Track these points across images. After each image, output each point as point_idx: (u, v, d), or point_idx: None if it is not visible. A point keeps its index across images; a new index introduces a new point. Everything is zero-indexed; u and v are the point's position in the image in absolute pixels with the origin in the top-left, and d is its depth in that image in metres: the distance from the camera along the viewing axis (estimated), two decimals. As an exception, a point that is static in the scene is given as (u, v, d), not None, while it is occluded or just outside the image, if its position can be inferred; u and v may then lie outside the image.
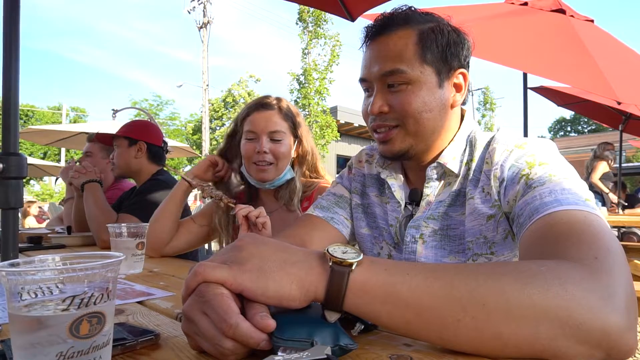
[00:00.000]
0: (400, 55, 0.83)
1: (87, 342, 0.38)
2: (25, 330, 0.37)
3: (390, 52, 0.83)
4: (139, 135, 2.09)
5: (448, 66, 0.85)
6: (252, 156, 1.43)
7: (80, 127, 6.28)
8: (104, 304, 0.40)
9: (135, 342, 0.52)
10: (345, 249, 0.50)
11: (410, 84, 0.82)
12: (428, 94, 0.83)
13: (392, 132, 0.86)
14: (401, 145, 0.86)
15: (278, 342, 0.45)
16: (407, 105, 0.82)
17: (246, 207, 1.21)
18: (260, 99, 1.51)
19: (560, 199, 0.64)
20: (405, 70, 0.82)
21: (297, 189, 1.48)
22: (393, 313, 0.47)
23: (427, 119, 0.83)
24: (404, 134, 0.85)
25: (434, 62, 0.83)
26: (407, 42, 0.83)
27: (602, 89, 2.48)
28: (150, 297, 0.82)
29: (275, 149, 1.43)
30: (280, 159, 1.44)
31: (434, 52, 0.83)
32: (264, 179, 1.44)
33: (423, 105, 0.83)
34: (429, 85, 0.83)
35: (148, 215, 1.80)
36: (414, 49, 0.83)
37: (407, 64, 0.82)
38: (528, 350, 0.45)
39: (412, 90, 0.82)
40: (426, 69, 0.83)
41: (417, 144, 0.86)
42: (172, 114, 28.18)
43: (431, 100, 0.83)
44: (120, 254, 0.42)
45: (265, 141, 1.42)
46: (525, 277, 0.47)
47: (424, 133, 0.85)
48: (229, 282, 0.47)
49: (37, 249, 1.62)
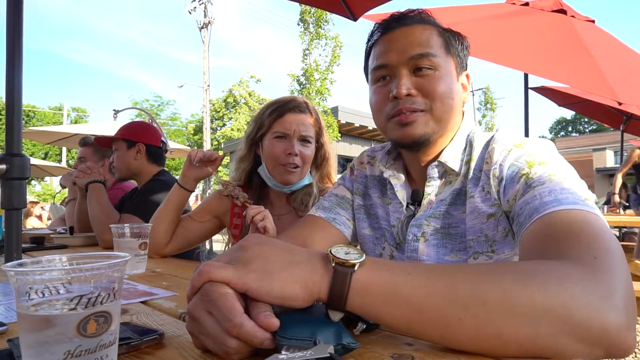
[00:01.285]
0: (429, 42, 0.85)
1: (94, 340, 0.39)
2: (33, 329, 0.38)
3: (417, 38, 0.85)
4: (137, 137, 2.09)
5: (461, 65, 0.90)
6: (281, 157, 1.41)
7: (81, 128, 6.30)
8: (110, 303, 0.40)
9: (140, 341, 0.53)
10: (347, 250, 0.51)
11: (438, 69, 0.84)
12: (452, 82, 0.86)
13: (417, 115, 0.84)
14: (425, 129, 0.84)
15: (281, 341, 0.45)
16: (437, 88, 0.83)
17: (257, 208, 1.21)
18: (289, 100, 1.49)
19: (560, 198, 0.64)
20: (435, 54, 0.84)
21: (313, 195, 1.48)
22: (395, 313, 0.48)
23: (451, 105, 0.86)
24: (428, 118, 0.84)
25: (455, 56, 0.88)
26: (431, 33, 0.86)
27: (603, 90, 2.48)
28: (153, 297, 0.82)
29: (304, 152, 1.43)
30: (306, 163, 1.45)
31: (455, 48, 0.88)
32: (290, 181, 1.43)
33: (449, 92, 0.85)
34: (452, 75, 0.87)
35: (150, 215, 1.81)
36: (439, 40, 0.86)
37: (436, 50, 0.85)
38: (529, 349, 0.45)
39: (440, 75, 0.84)
40: (449, 60, 0.87)
41: (439, 130, 0.86)
42: (173, 114, 28.26)
43: (454, 89, 0.86)
44: (127, 254, 0.43)
45: (296, 144, 1.41)
46: (526, 276, 0.48)
47: (446, 120, 0.86)
48: (233, 282, 0.47)
49: (40, 249, 1.63)
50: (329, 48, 13.94)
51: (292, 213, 1.51)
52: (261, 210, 1.20)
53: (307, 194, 1.49)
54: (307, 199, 1.48)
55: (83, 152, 2.68)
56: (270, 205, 1.55)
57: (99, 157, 2.68)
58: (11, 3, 1.33)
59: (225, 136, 18.26)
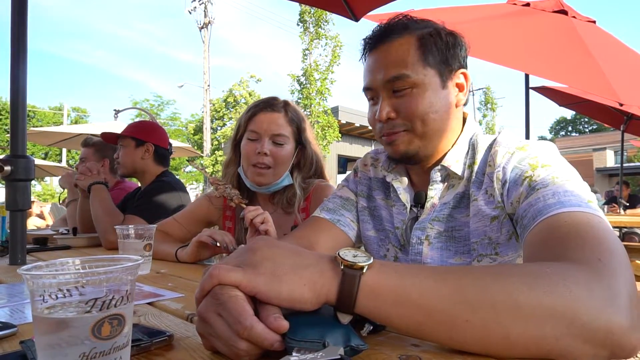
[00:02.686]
0: (403, 60, 0.85)
1: (109, 343, 0.39)
2: (49, 332, 0.38)
3: (392, 58, 0.86)
4: (147, 137, 2.11)
5: (449, 67, 0.88)
6: (252, 157, 1.40)
7: (82, 128, 6.30)
8: (123, 306, 0.41)
9: (150, 343, 0.53)
10: (355, 253, 0.51)
11: (415, 87, 0.85)
12: (433, 95, 0.85)
13: (400, 135, 0.87)
14: (408, 147, 0.88)
15: (291, 342, 0.46)
16: (414, 108, 0.85)
17: (255, 209, 1.19)
18: (267, 99, 1.48)
19: (564, 200, 0.65)
20: (409, 75, 0.84)
21: (297, 196, 1.45)
22: (404, 315, 0.48)
23: (433, 119, 0.86)
24: (411, 137, 0.87)
25: (435, 64, 0.86)
26: (408, 48, 0.85)
27: (604, 90, 2.48)
28: (159, 298, 0.83)
29: (276, 152, 1.40)
30: (279, 164, 1.41)
31: (435, 55, 0.86)
32: (260, 182, 1.41)
33: (430, 107, 0.85)
34: (433, 87, 0.85)
35: (154, 216, 1.82)
36: (416, 53, 0.85)
37: (410, 68, 0.84)
38: (535, 350, 0.46)
39: (418, 93, 0.85)
40: (429, 71, 0.85)
41: (425, 145, 0.88)
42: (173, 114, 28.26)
43: (436, 101, 0.86)
44: (139, 258, 0.43)
45: (266, 143, 1.39)
46: (532, 278, 0.48)
47: (431, 134, 0.87)
48: (243, 285, 0.48)
49: (44, 250, 1.64)
50: (329, 48, 13.96)
51: (279, 212, 1.49)
52: (260, 212, 1.18)
53: (292, 196, 1.47)
54: (293, 199, 1.46)
55: (84, 153, 2.69)
56: (257, 205, 1.53)
57: (99, 157, 2.69)
58: (16, 6, 1.34)
59: (225, 136, 18.26)
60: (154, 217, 1.80)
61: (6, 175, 1.27)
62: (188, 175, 26.13)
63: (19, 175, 1.29)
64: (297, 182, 1.48)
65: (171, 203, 1.97)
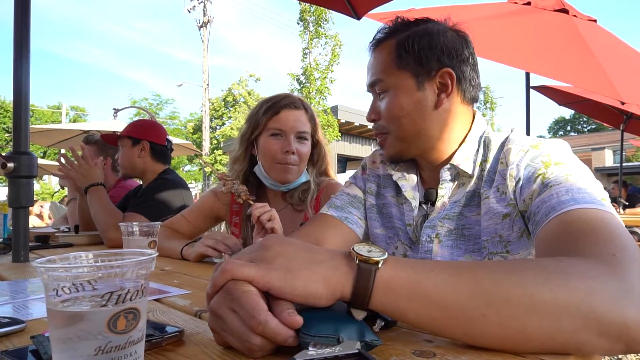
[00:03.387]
0: (380, 66, 0.91)
1: (124, 337, 0.39)
2: (64, 325, 0.38)
3: (374, 64, 0.93)
4: (141, 135, 2.09)
5: (425, 68, 0.87)
6: (278, 155, 1.39)
7: (81, 126, 6.29)
8: (138, 300, 0.40)
9: (161, 338, 0.53)
10: (370, 248, 0.51)
11: (388, 91, 0.89)
12: (406, 98, 0.88)
13: (385, 138, 0.93)
14: (392, 150, 0.93)
15: (305, 338, 0.45)
16: (387, 111, 0.90)
17: (262, 206, 1.17)
18: (284, 96, 1.47)
19: (577, 197, 0.65)
20: (382, 79, 0.90)
21: (311, 191, 1.47)
22: (419, 310, 0.48)
23: (406, 122, 0.88)
24: (393, 139, 0.92)
25: (409, 66, 0.87)
26: (386, 53, 0.90)
27: (605, 89, 2.48)
28: (166, 294, 0.83)
29: (300, 150, 1.41)
30: (303, 161, 1.44)
31: (408, 57, 0.87)
32: (288, 180, 1.41)
33: (400, 110, 0.88)
34: (406, 90, 0.88)
35: (155, 214, 1.81)
36: (390, 57, 0.89)
37: (384, 73, 0.90)
38: (551, 344, 0.46)
39: (391, 96, 0.89)
40: (402, 73, 0.88)
41: (408, 147, 0.91)
42: (172, 113, 28.25)
43: (409, 104, 0.87)
44: (153, 252, 0.43)
45: (293, 141, 1.39)
46: (547, 272, 0.48)
47: (408, 136, 0.90)
48: (256, 280, 0.47)
49: (46, 248, 1.63)
50: (329, 47, 13.95)
51: (289, 209, 1.50)
52: (267, 210, 1.17)
53: (305, 191, 1.47)
54: (305, 195, 1.46)
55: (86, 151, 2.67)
56: (267, 202, 1.52)
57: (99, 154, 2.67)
58: (19, 8, 1.34)
59: (224, 135, 18.25)
60: (155, 215, 1.78)
61: (9, 172, 1.26)
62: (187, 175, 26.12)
63: (22, 172, 1.28)
64: (312, 177, 1.50)
65: (173, 201, 1.96)
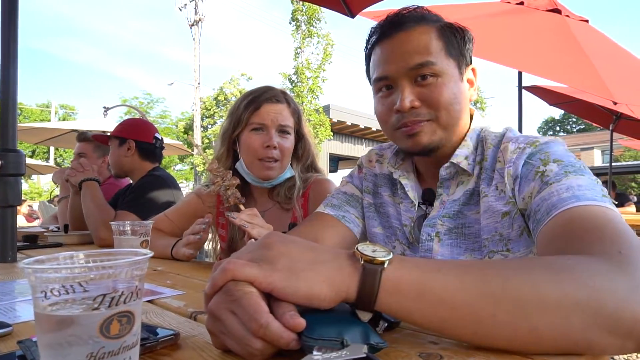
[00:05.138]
0: (428, 48, 0.83)
1: (118, 342, 0.36)
2: (53, 330, 0.35)
3: (415, 46, 0.83)
4: (127, 134, 2.07)
5: (465, 61, 0.87)
6: (259, 151, 1.34)
7: (70, 125, 6.20)
8: (133, 302, 0.38)
9: (156, 342, 0.51)
10: (374, 248, 0.49)
11: (440, 76, 0.83)
12: (455, 86, 0.84)
13: (422, 125, 0.84)
14: (432, 138, 0.85)
15: (308, 341, 0.43)
16: (440, 97, 0.82)
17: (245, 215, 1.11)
18: (264, 90, 1.40)
19: (578, 194, 0.64)
20: (435, 62, 0.82)
21: (296, 188, 1.41)
22: (427, 311, 0.46)
23: (457, 110, 0.85)
24: (435, 127, 0.84)
25: (456, 56, 0.85)
26: (430, 37, 0.84)
27: (598, 89, 2.50)
28: (160, 295, 0.80)
29: (283, 144, 1.36)
30: (285, 156, 1.38)
31: (454, 47, 0.85)
32: (269, 177, 1.36)
33: (453, 97, 0.83)
34: (455, 79, 0.85)
35: (145, 211, 1.78)
36: (438, 43, 0.84)
37: (435, 56, 0.83)
38: (562, 343, 0.44)
39: (443, 82, 0.83)
40: (451, 62, 0.85)
41: (447, 136, 0.86)
42: (163, 112, 27.92)
43: (458, 93, 0.85)
44: (148, 251, 0.41)
45: (274, 135, 1.34)
46: (555, 269, 0.47)
47: (454, 125, 0.86)
48: (258, 281, 0.45)
49: (35, 248, 1.59)
50: (321, 46, 13.93)
51: (276, 207, 1.45)
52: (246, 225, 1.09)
53: (290, 187, 1.42)
54: (291, 192, 1.41)
55: (82, 148, 2.61)
56: (254, 201, 1.49)
57: (99, 154, 2.63)
58: (6, 4, 1.31)
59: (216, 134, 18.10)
60: (145, 213, 1.76)
61: (-4, 170, 1.23)
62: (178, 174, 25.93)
63: (10, 169, 1.25)
64: (297, 173, 1.44)
65: (162, 198, 1.92)
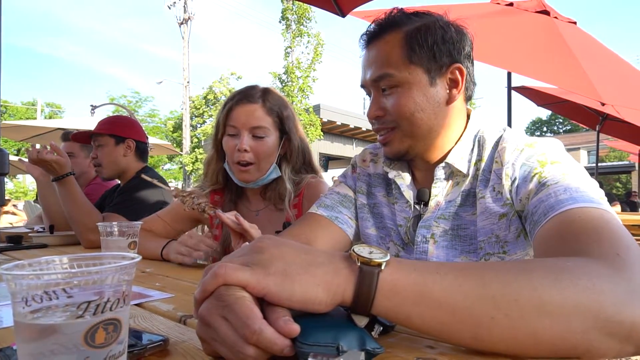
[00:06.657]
0: (387, 60, 0.85)
1: (103, 351, 0.35)
2: (34, 339, 0.33)
3: (378, 57, 0.86)
4: (126, 133, 2.00)
5: (438, 63, 0.84)
6: (233, 155, 1.32)
7: (56, 123, 6.09)
8: (119, 309, 0.36)
9: (144, 348, 0.49)
10: (371, 249, 0.48)
11: (399, 86, 0.84)
12: (419, 94, 0.84)
13: (391, 134, 0.88)
14: (400, 146, 0.88)
15: (302, 347, 0.42)
16: (399, 108, 0.85)
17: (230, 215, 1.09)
18: (244, 90, 1.38)
19: (576, 196, 0.64)
20: (392, 74, 0.84)
21: (286, 190, 1.37)
22: (425, 314, 0.45)
23: (420, 118, 0.84)
24: (401, 135, 0.87)
25: (421, 61, 0.84)
26: (393, 46, 0.85)
27: (586, 90, 2.52)
28: (148, 299, 0.78)
29: (257, 147, 1.32)
30: (262, 159, 1.34)
31: (422, 52, 0.83)
32: (246, 179, 1.34)
33: (414, 106, 0.84)
34: (419, 85, 0.84)
35: (135, 213, 1.74)
36: (400, 51, 0.84)
37: (394, 68, 0.84)
38: (562, 346, 0.44)
39: (402, 92, 0.84)
40: (414, 69, 0.84)
41: (416, 143, 0.87)
42: (151, 111, 27.59)
43: (423, 100, 0.84)
44: (136, 255, 0.39)
45: (246, 138, 1.31)
46: (554, 272, 0.47)
47: (420, 133, 0.86)
48: (251, 286, 0.44)
49: (18, 249, 1.55)
50: (311, 46, 13.91)
51: (270, 208, 1.43)
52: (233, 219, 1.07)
53: (284, 189, 1.39)
54: (281, 195, 1.39)
55: (69, 148, 2.53)
56: (248, 202, 1.48)
57: (86, 153, 2.56)
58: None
59: (205, 133, 18.01)
60: (135, 215, 1.71)
61: (-22, 169, 1.19)
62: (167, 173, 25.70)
63: (-8, 169, 1.21)
64: (287, 176, 1.40)
65: (153, 200, 1.89)
